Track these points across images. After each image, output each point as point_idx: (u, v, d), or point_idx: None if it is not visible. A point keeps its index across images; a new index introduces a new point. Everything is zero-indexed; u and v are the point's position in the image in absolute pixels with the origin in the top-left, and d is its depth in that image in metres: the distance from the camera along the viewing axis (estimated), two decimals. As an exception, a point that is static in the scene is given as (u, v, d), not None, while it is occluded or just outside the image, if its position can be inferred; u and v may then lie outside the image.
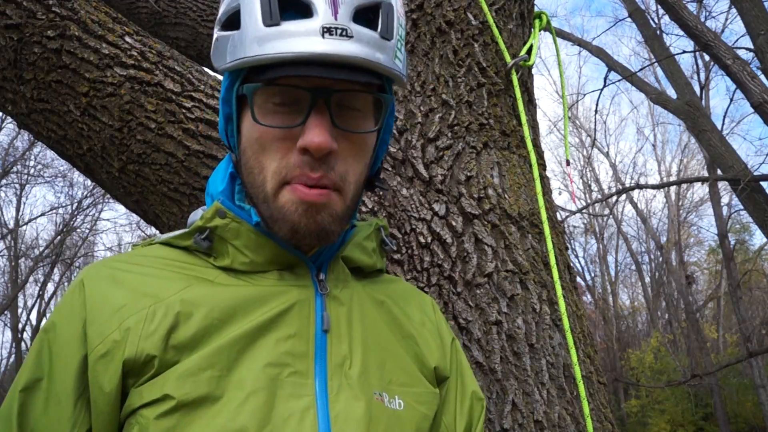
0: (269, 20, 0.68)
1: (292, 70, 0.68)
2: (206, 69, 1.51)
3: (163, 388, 0.65)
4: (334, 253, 0.84)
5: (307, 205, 0.72)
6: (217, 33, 0.78)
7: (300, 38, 0.67)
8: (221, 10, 0.77)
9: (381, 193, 1.38)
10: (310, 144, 0.69)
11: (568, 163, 1.66)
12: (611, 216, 22.48)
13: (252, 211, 0.77)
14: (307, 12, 0.68)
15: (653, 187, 8.98)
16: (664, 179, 21.67)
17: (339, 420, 0.68)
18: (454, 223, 1.32)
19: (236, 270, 0.78)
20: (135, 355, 0.67)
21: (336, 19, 0.68)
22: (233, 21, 0.74)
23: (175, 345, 0.68)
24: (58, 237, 18.44)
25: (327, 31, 0.67)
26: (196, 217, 0.83)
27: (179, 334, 0.69)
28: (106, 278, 0.74)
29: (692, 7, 7.55)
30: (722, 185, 12.85)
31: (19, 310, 19.25)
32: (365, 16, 0.71)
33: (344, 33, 0.68)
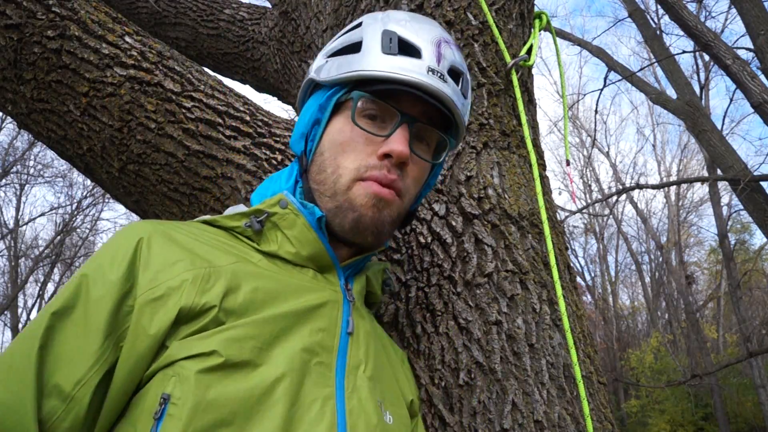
0: (388, 50, 0.86)
1: (401, 87, 0.84)
2: (206, 69, 1.51)
3: (211, 345, 0.68)
4: (360, 269, 0.93)
5: (378, 199, 0.83)
6: (326, 59, 0.94)
7: (410, 69, 0.84)
8: (336, 43, 0.94)
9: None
10: (395, 149, 0.83)
11: (568, 163, 1.66)
12: (611, 216, 22.48)
13: (315, 208, 0.86)
14: (416, 54, 0.86)
15: (653, 187, 8.97)
16: (664, 179, 21.67)
17: (353, 414, 0.73)
18: (454, 223, 1.32)
19: (278, 257, 0.84)
20: (191, 305, 0.70)
21: (438, 65, 0.86)
22: (353, 48, 0.90)
23: (225, 308, 0.72)
24: (58, 237, 18.43)
25: (431, 71, 0.85)
26: (235, 211, 0.89)
27: (230, 299, 0.73)
28: (161, 234, 0.78)
29: (692, 7, 7.55)
30: (722, 185, 12.86)
31: (19, 310, 19.24)
32: (453, 76, 0.90)
33: (442, 77, 0.86)
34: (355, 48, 0.89)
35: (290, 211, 0.84)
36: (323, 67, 0.93)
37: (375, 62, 0.85)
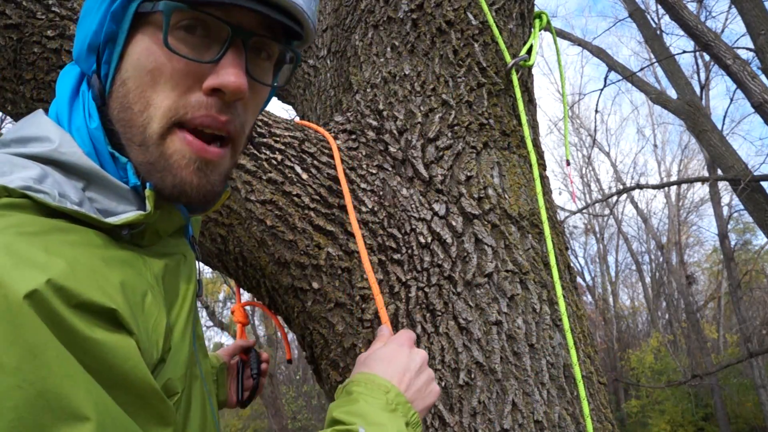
0: None
1: None
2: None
3: None
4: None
5: (203, 162, 0.63)
6: None
7: None
8: None
9: (381, 192, 1.38)
10: (228, 84, 0.60)
11: (568, 163, 1.66)
12: (611, 216, 22.48)
13: (130, 173, 0.64)
14: None
15: (653, 187, 8.97)
16: (665, 179, 21.67)
17: (208, 379, 0.80)
18: (454, 223, 1.32)
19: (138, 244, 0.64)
20: None
21: None
22: None
23: None
24: (59, 237, 18.42)
25: None
26: (39, 132, 0.63)
27: None
28: None
29: (692, 7, 7.56)
30: (722, 185, 12.85)
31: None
32: None
33: None
34: None
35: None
36: None
37: None
